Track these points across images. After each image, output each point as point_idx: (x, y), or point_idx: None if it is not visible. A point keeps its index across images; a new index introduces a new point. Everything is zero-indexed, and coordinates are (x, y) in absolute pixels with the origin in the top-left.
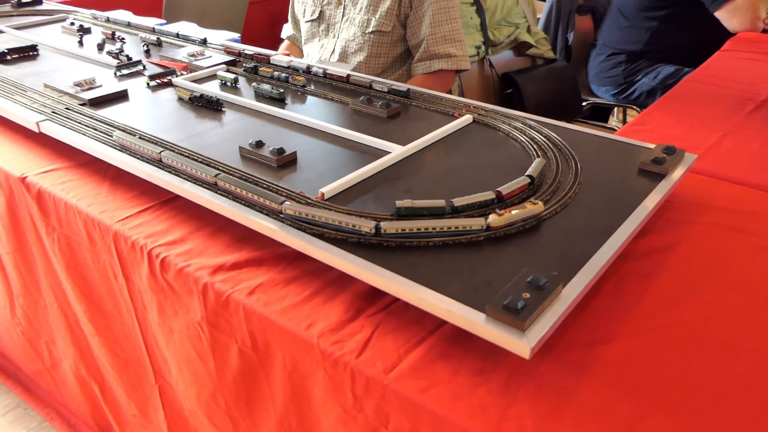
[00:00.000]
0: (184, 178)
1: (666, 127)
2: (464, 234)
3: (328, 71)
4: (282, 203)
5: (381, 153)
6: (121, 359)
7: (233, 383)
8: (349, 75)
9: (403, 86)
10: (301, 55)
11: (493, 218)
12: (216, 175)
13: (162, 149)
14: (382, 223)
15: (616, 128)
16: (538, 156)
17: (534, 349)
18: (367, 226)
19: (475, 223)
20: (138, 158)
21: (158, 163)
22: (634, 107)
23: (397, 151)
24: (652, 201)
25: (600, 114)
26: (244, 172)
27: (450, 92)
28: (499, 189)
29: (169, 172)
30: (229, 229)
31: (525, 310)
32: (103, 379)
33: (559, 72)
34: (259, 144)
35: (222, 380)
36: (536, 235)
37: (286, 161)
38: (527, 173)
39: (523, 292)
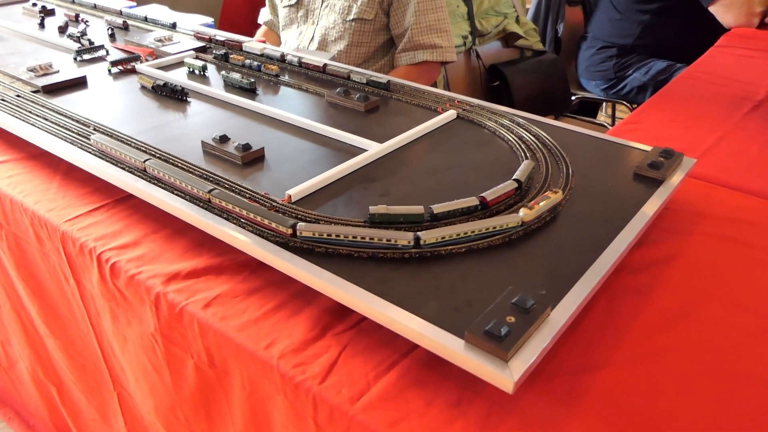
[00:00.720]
0: (138, 176)
1: (660, 127)
2: (501, 233)
3: (303, 60)
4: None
5: (357, 150)
6: (79, 363)
7: (191, 398)
8: (325, 65)
9: (382, 77)
10: (279, 42)
11: (524, 212)
12: (170, 174)
13: (114, 143)
14: (420, 232)
15: (605, 124)
16: (527, 157)
17: (518, 383)
18: (404, 238)
19: (512, 220)
20: (89, 152)
21: (111, 158)
22: (624, 102)
23: (373, 150)
24: (649, 210)
25: (588, 109)
26: (203, 170)
27: (435, 84)
28: (483, 194)
29: (123, 169)
30: (189, 232)
31: (509, 338)
32: (61, 382)
33: (548, 65)
34: (224, 139)
35: (180, 394)
36: (523, 247)
37: (253, 158)
38: (514, 177)
39: (507, 315)
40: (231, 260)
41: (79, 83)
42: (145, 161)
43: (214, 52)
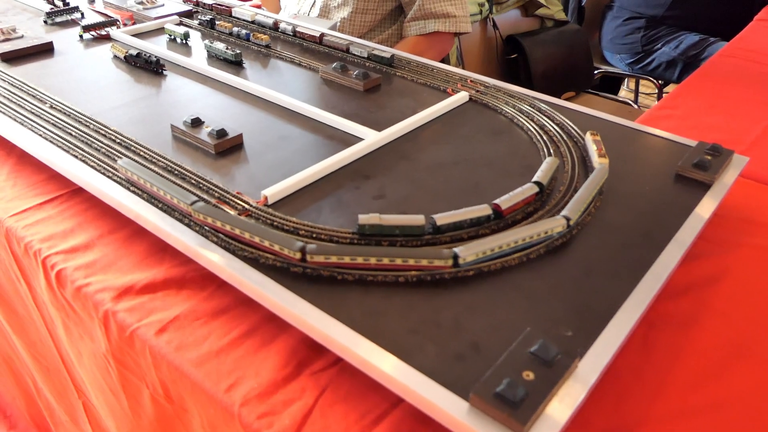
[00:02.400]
0: (93, 167)
1: (699, 114)
2: (545, 240)
3: (298, 29)
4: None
5: (351, 139)
6: (43, 366)
7: (150, 427)
8: (322, 34)
9: (386, 51)
10: (278, 8)
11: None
12: (126, 169)
13: (64, 127)
14: (458, 249)
15: (630, 102)
16: (549, 152)
17: None
18: (442, 258)
19: (557, 224)
20: (40, 136)
21: (64, 143)
22: (651, 79)
23: (370, 139)
24: (697, 221)
25: (609, 84)
26: (167, 161)
27: (447, 57)
28: (497, 201)
29: (75, 157)
30: (150, 234)
31: (526, 403)
32: (34, 378)
33: (570, 36)
34: (196, 122)
35: (138, 422)
36: (543, 268)
37: (228, 147)
38: (535, 179)
39: (524, 370)
40: (196, 270)
41: (45, 51)
42: (96, 152)
43: (200, 17)
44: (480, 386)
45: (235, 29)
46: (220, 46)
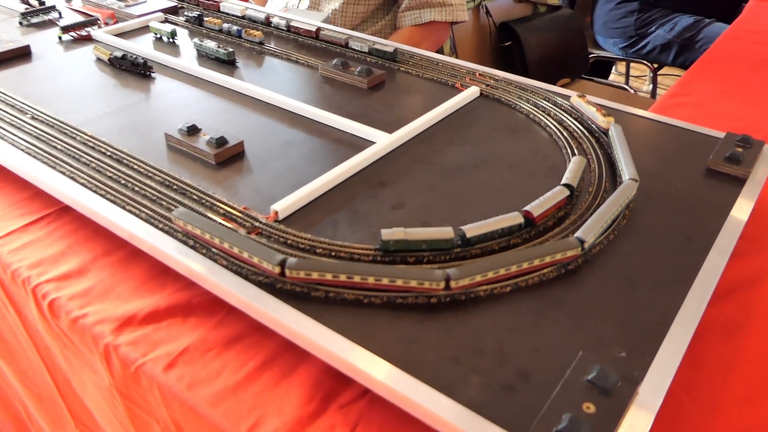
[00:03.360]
0: (82, 184)
1: (712, 100)
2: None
3: (292, 24)
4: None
5: (360, 143)
6: (35, 393)
7: None
8: (319, 29)
9: (388, 45)
10: (265, 1)
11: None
12: (121, 181)
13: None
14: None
15: (626, 87)
16: (571, 149)
17: None
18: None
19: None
20: (23, 151)
21: (49, 158)
22: (646, 63)
23: (382, 142)
24: (738, 219)
25: (600, 68)
26: (165, 176)
27: (440, 47)
28: (527, 208)
29: (63, 174)
30: (148, 254)
31: None
32: (26, 406)
33: (564, 21)
34: (193, 130)
35: None
36: (583, 281)
37: (229, 156)
38: (564, 181)
39: (583, 402)
40: (202, 294)
41: (22, 55)
42: (85, 166)
43: (186, 13)
44: (539, 425)
45: (225, 26)
46: (210, 44)
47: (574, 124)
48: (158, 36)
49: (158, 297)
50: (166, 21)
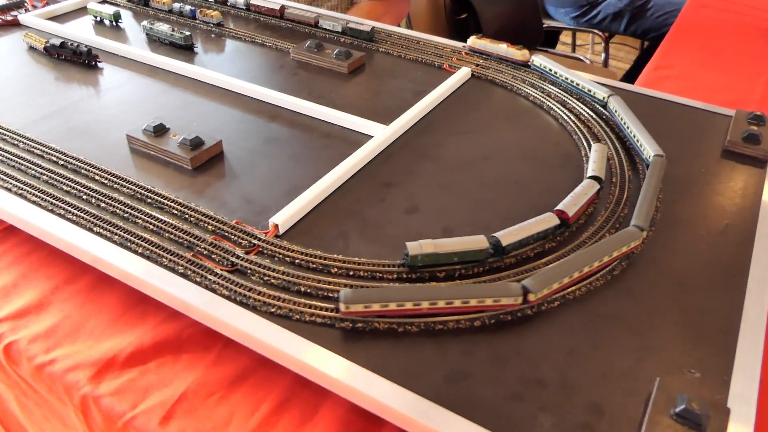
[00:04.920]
0: (34, 202)
1: (695, 72)
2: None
3: (252, 1)
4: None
5: (353, 137)
6: None
7: None
8: (283, 7)
9: (364, 24)
10: None
11: None
12: (82, 196)
13: None
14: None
15: (582, 58)
16: (582, 134)
17: None
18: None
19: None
20: None
21: None
22: (597, 32)
23: (379, 136)
24: None
25: (547, 39)
26: (134, 186)
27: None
28: (561, 208)
29: (8, 191)
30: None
31: None
32: None
33: None
34: (160, 130)
35: None
36: (633, 289)
37: (207, 159)
38: (591, 173)
39: None
40: (192, 325)
41: None
42: (35, 179)
43: None
44: None
45: (176, 5)
46: (164, 27)
47: (578, 105)
48: (98, 19)
49: (140, 332)
50: (105, 2)
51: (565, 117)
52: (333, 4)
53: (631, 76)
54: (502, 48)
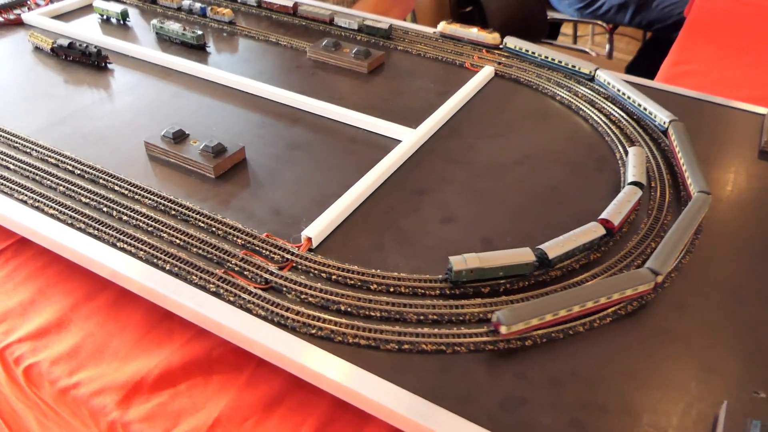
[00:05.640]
0: (52, 216)
1: (714, 67)
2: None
3: None
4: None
5: (379, 141)
6: None
7: None
8: (296, 4)
9: (381, 21)
10: None
11: None
12: (102, 209)
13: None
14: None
15: (587, 50)
16: (617, 137)
17: None
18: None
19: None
20: None
21: (4, 184)
22: (601, 23)
23: (408, 140)
24: None
25: (549, 30)
26: (156, 197)
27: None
28: (605, 216)
29: (24, 203)
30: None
31: None
32: None
33: None
34: (180, 136)
35: None
36: (685, 302)
37: (230, 167)
38: (632, 179)
39: None
40: (221, 343)
41: None
42: (51, 190)
43: None
44: None
45: (185, 2)
46: (175, 26)
47: (608, 105)
48: (105, 17)
49: (167, 351)
50: None
51: (596, 118)
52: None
53: (633, 67)
54: (473, 32)
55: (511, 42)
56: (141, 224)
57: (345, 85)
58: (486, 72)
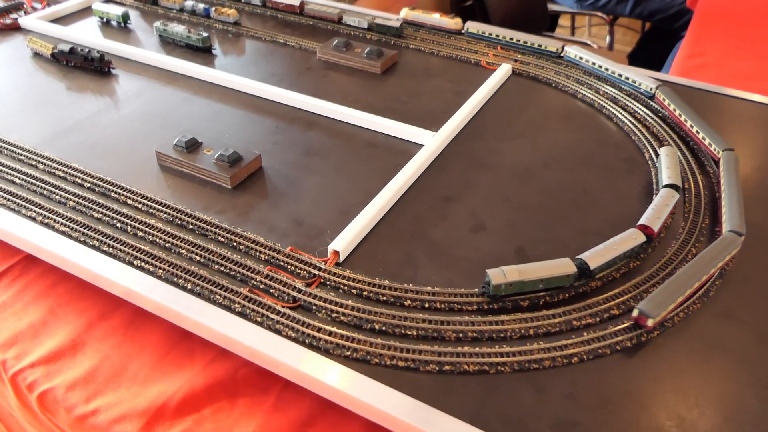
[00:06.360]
0: (63, 233)
1: (729, 59)
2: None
3: None
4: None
5: (399, 145)
6: None
7: None
8: (303, 2)
9: (391, 18)
10: None
11: None
12: (116, 224)
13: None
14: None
15: (589, 43)
16: (644, 137)
17: None
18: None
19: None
20: None
21: (10, 200)
22: (601, 15)
23: (430, 144)
24: None
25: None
26: (171, 211)
27: None
28: (644, 222)
29: (33, 220)
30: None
31: None
32: None
33: None
34: (193, 145)
35: None
36: (733, 310)
37: (246, 176)
38: (667, 181)
39: None
40: (244, 364)
41: None
42: (60, 206)
43: None
44: None
45: (188, 3)
46: (179, 29)
47: (631, 102)
48: (104, 20)
49: (189, 374)
50: (111, 1)
51: (620, 116)
52: None
53: (634, 58)
54: (435, 18)
55: (474, 27)
56: (158, 240)
57: (358, 86)
58: (503, 70)
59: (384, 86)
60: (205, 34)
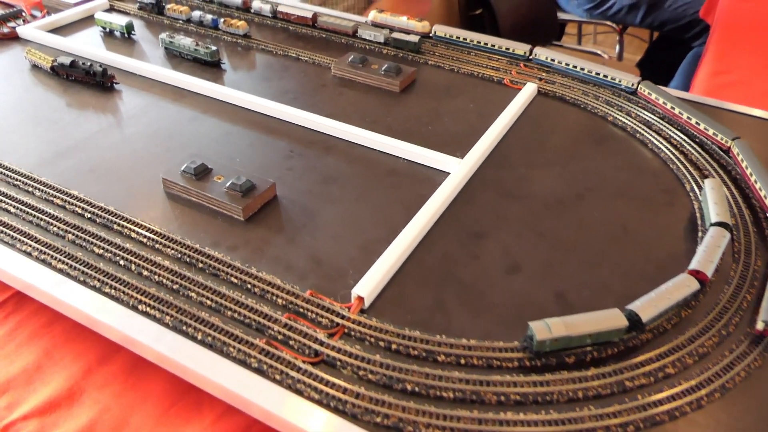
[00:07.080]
0: (60, 271)
1: (756, 77)
2: None
3: (280, 8)
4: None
5: (423, 172)
6: None
7: None
8: (315, 15)
9: (409, 33)
10: None
11: None
12: (119, 262)
13: None
14: None
15: (599, 53)
16: (682, 165)
17: None
18: None
19: None
20: None
21: (3, 231)
22: (611, 24)
23: (457, 172)
24: None
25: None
26: (179, 247)
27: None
28: (695, 267)
29: (28, 255)
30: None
31: None
32: None
33: None
34: (202, 171)
35: None
36: None
37: (260, 207)
38: (716, 218)
39: None
40: (256, 420)
41: None
42: (58, 238)
43: (139, 0)
44: None
45: (195, 14)
46: (186, 41)
47: (665, 126)
48: (107, 30)
49: (197, 429)
50: (112, 9)
51: (655, 141)
52: (349, 4)
53: (642, 67)
54: (403, 20)
55: (441, 30)
56: (165, 281)
57: (376, 106)
58: (529, 90)
59: (403, 106)
60: (213, 47)
